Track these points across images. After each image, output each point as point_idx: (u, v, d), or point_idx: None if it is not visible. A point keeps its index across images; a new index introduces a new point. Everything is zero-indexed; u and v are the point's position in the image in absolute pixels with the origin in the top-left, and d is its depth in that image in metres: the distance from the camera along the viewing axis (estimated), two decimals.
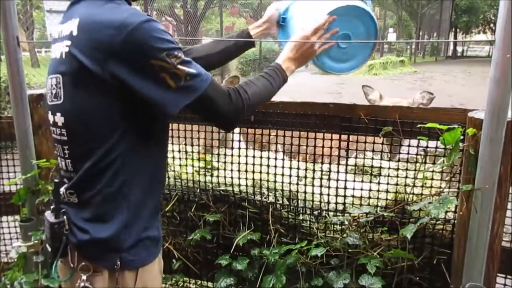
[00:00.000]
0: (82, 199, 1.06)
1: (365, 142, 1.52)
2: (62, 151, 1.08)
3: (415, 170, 1.52)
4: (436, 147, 1.44)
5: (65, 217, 1.07)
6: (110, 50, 0.94)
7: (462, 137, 1.31)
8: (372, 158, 1.55)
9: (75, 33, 0.99)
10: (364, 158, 1.57)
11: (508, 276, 1.47)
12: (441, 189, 1.45)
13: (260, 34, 1.51)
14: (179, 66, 0.98)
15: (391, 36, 26.40)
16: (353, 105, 1.53)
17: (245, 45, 1.51)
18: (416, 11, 26.27)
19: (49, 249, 1.10)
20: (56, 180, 1.10)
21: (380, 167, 1.56)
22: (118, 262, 1.05)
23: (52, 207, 1.08)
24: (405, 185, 1.52)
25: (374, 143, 1.54)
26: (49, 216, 1.08)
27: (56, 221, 1.06)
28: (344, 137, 1.56)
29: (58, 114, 1.05)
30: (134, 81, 0.96)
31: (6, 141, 1.92)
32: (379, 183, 1.57)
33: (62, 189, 1.09)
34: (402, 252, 1.45)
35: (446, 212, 1.45)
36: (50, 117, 1.09)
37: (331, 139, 1.57)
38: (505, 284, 1.48)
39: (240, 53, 1.53)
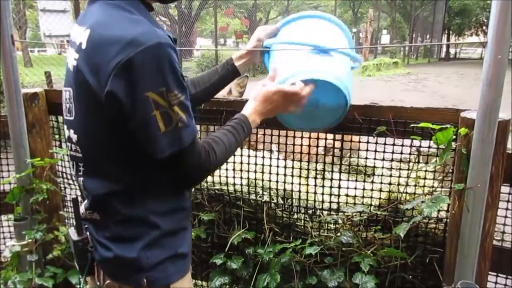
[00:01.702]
0: (103, 218, 1.03)
1: (359, 142, 1.53)
2: (77, 167, 1.04)
3: (408, 169, 1.54)
4: (429, 147, 1.46)
5: (88, 233, 1.04)
6: (112, 68, 0.87)
7: (454, 137, 1.32)
8: (366, 158, 1.57)
9: (83, 46, 0.93)
10: (358, 157, 1.59)
11: (500, 274, 1.49)
12: (434, 188, 1.46)
13: (244, 65, 1.44)
14: (175, 108, 0.91)
15: (385, 38, 26.54)
16: None
17: (230, 77, 1.43)
18: (409, 13, 26.44)
19: (76, 266, 1.07)
20: (73, 197, 1.06)
21: (374, 167, 1.58)
22: (144, 280, 1.01)
23: (74, 224, 1.06)
24: (398, 184, 1.53)
25: (368, 142, 1.55)
26: (72, 233, 1.05)
27: (79, 238, 1.03)
28: (338, 136, 1.57)
29: (72, 131, 1.02)
30: (126, 106, 0.89)
31: (0, 140, 1.91)
32: (372, 182, 1.58)
33: (82, 208, 1.06)
34: (395, 251, 1.47)
35: (439, 211, 1.47)
36: (66, 132, 1.05)
37: (326, 139, 1.59)
38: (496, 282, 1.50)
39: (226, 85, 1.45)
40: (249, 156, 1.70)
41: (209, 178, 1.77)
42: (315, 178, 1.64)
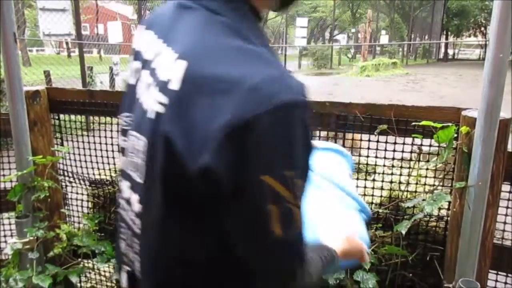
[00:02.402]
0: None
1: (361, 140, 1.54)
2: (132, 242, 0.76)
3: (409, 167, 1.54)
4: (430, 145, 1.46)
5: None
6: (217, 132, 0.55)
7: (455, 135, 1.33)
8: (367, 156, 1.57)
9: (175, 86, 0.60)
10: (359, 155, 1.59)
11: (500, 273, 1.50)
12: (435, 187, 1.47)
13: None
14: (298, 201, 0.61)
15: (384, 38, 26.59)
16: (349, 104, 1.55)
17: None
18: (408, 13, 26.50)
19: None
20: (128, 269, 0.79)
21: (375, 165, 1.59)
22: None
23: None
24: (400, 182, 1.54)
25: (369, 140, 1.56)
26: None
27: None
28: (339, 134, 1.58)
29: (136, 196, 0.72)
30: (230, 192, 0.58)
31: (2, 138, 1.91)
32: (373, 180, 1.59)
33: (124, 281, 0.81)
34: (396, 249, 1.47)
35: (440, 209, 1.48)
36: (125, 190, 0.75)
37: (327, 137, 1.59)
38: (496, 280, 1.50)
39: None
40: None
41: None
42: None
